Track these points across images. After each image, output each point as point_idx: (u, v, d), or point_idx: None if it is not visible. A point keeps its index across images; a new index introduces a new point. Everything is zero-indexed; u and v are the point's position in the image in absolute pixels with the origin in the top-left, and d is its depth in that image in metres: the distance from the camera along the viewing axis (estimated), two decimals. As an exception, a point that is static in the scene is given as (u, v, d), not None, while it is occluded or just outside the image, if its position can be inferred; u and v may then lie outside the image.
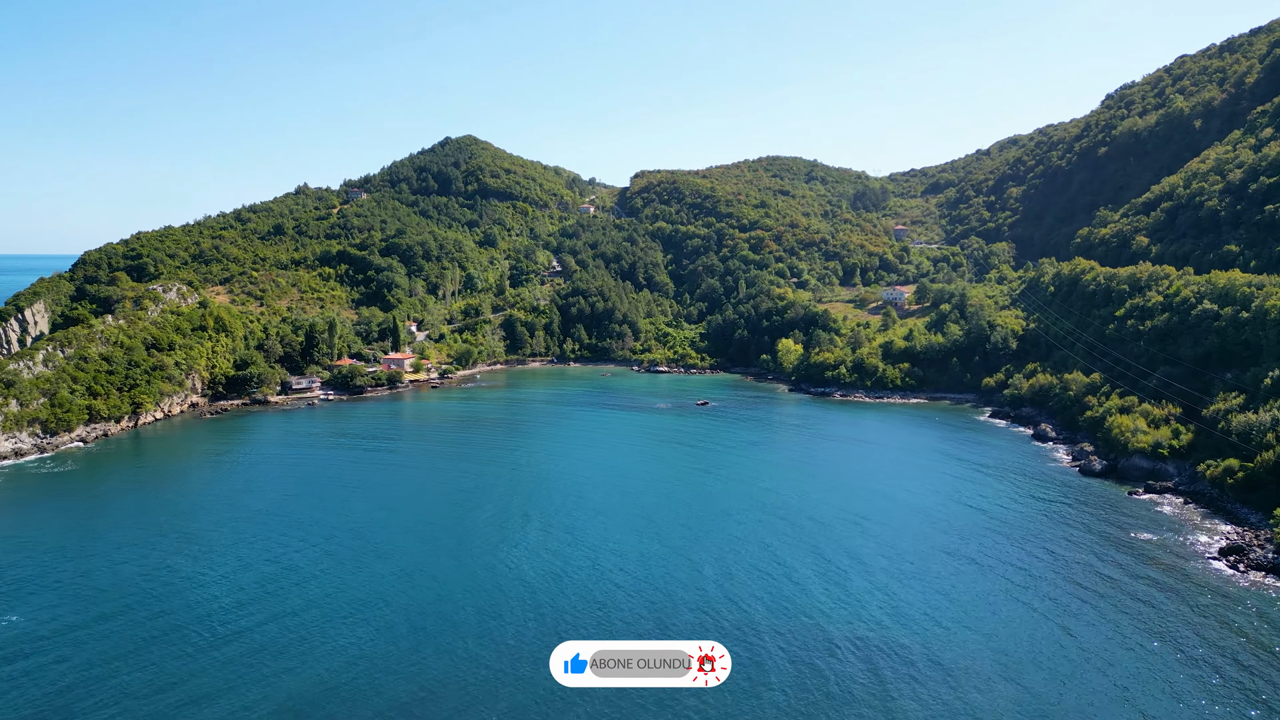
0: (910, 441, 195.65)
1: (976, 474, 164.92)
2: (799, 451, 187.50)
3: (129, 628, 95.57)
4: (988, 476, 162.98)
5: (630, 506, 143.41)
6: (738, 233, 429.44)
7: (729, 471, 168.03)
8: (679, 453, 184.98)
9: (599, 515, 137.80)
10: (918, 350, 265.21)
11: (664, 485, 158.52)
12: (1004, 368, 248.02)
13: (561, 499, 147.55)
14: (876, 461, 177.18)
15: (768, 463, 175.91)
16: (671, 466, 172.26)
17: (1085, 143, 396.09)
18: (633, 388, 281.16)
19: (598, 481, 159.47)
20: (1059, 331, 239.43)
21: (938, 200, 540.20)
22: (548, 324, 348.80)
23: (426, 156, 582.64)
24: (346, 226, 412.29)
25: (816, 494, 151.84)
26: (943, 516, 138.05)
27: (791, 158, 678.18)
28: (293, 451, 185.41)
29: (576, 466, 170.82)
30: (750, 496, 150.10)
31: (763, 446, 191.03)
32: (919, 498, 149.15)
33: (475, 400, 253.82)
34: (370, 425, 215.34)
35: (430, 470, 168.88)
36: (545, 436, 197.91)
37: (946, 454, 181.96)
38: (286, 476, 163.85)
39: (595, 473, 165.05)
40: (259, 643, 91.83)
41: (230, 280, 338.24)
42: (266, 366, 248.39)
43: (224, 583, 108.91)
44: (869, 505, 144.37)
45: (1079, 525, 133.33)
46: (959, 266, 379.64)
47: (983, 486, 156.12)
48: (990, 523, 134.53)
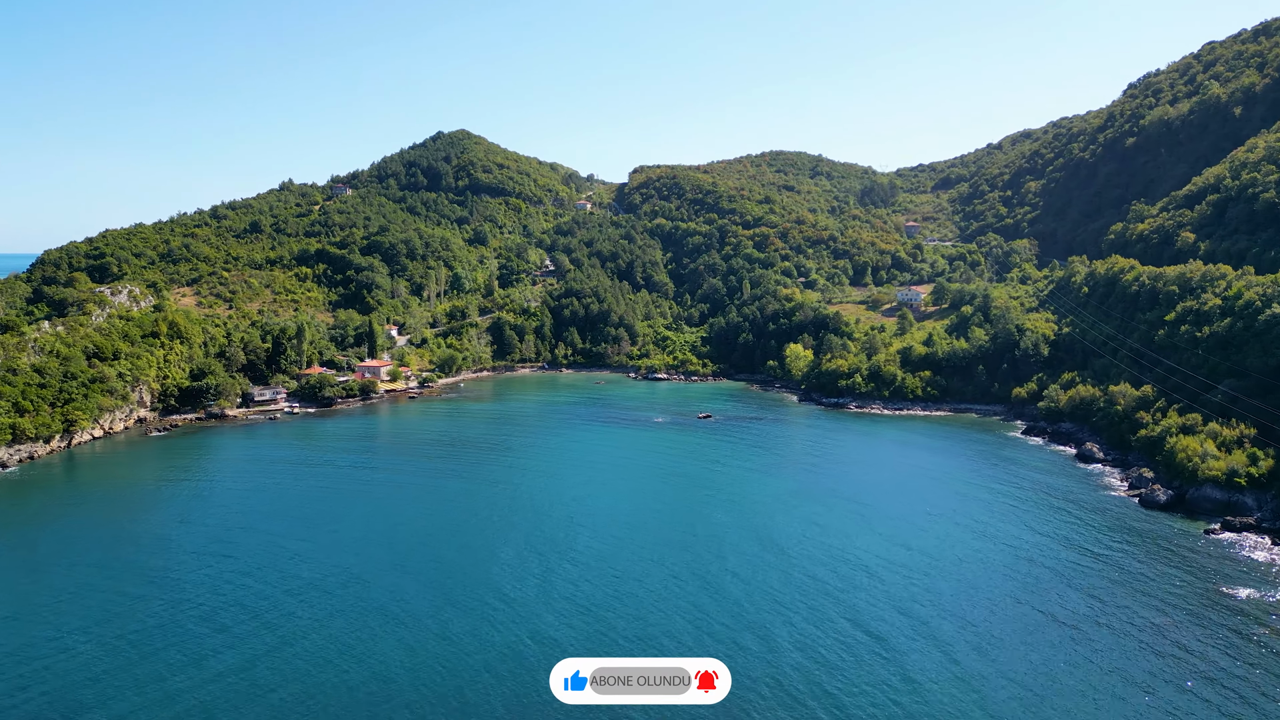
0: (941, 464, 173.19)
1: (1024, 505, 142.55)
2: (817, 479, 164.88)
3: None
4: (1038, 508, 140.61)
5: (622, 567, 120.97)
6: (741, 230, 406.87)
7: (737, 508, 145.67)
8: (679, 484, 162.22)
9: (581, 578, 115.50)
10: (939, 357, 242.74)
11: (663, 532, 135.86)
12: (1035, 376, 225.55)
13: (538, 552, 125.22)
14: (908, 491, 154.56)
15: (782, 495, 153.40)
16: (671, 504, 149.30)
17: (1110, 133, 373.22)
18: (628, 398, 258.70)
19: (584, 524, 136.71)
20: (1098, 337, 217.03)
21: (949, 196, 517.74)
22: (538, 327, 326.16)
23: (417, 151, 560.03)
24: (328, 224, 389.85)
25: (843, 534, 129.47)
26: (999, 563, 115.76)
27: (796, 152, 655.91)
28: (241, 476, 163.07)
29: (560, 504, 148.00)
30: (766, 539, 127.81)
31: (775, 473, 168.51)
32: (966, 540, 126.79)
33: (454, 415, 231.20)
34: (331, 445, 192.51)
35: (390, 507, 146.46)
36: (523, 466, 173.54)
37: (984, 480, 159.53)
38: (229, 507, 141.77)
39: (581, 514, 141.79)
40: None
41: (198, 281, 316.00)
42: (226, 376, 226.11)
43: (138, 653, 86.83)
44: (910, 549, 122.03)
45: (1159, 576, 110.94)
46: (977, 265, 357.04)
47: (1034, 519, 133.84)
48: (1055, 571, 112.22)
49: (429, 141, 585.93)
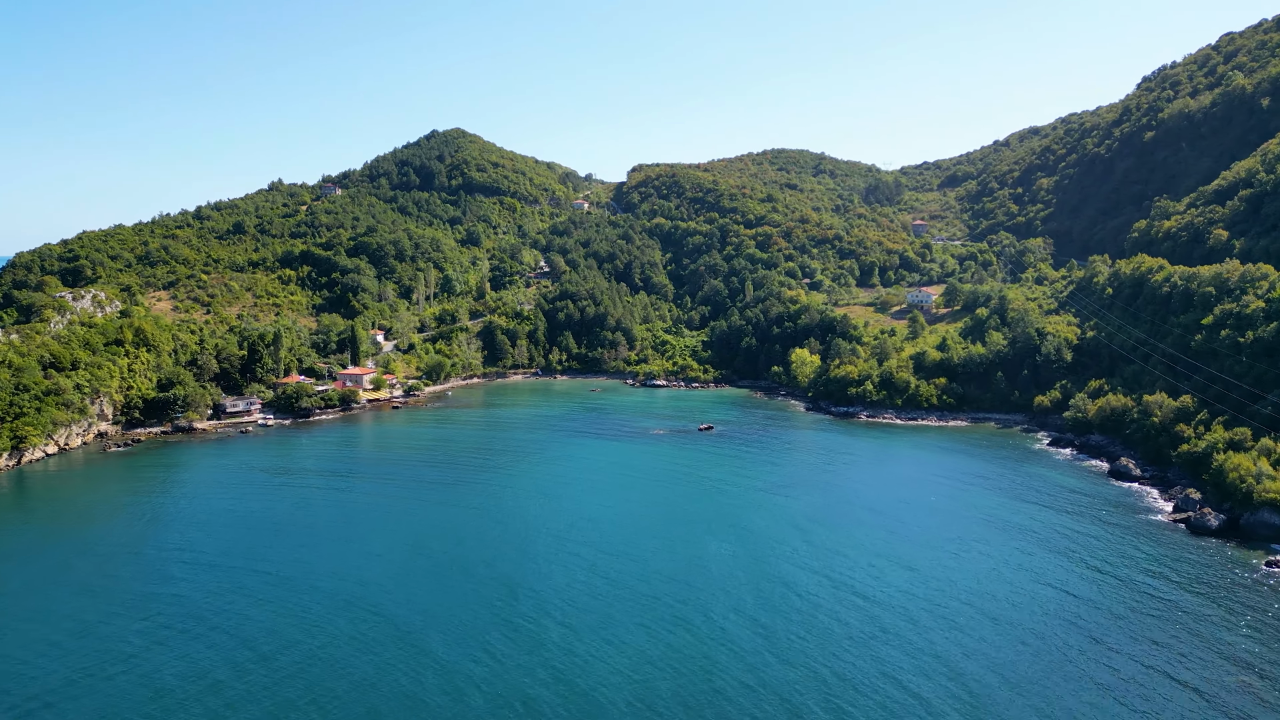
0: (965, 482, 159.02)
1: (1061, 531, 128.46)
2: (831, 501, 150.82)
3: None
4: (1078, 535, 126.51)
5: (615, 629, 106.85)
6: (743, 229, 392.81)
7: (746, 538, 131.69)
8: (679, 508, 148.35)
9: (566, 649, 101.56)
10: (955, 363, 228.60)
11: (661, 570, 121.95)
12: (1059, 384, 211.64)
13: (512, 607, 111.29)
14: (933, 515, 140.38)
15: (796, 521, 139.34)
16: (671, 534, 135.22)
17: (1126, 127, 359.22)
18: (625, 407, 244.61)
19: (571, 563, 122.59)
20: (1126, 341, 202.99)
21: (956, 193, 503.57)
22: (532, 331, 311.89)
23: (410, 150, 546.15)
24: (314, 224, 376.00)
25: (871, 570, 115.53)
26: (1050, 606, 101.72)
27: (798, 150, 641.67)
28: (197, 500, 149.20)
29: (546, 536, 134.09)
30: (781, 578, 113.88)
31: (785, 494, 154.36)
32: (1007, 575, 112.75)
33: (438, 428, 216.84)
34: (297, 465, 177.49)
35: (356, 542, 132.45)
36: (507, 490, 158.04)
37: (1015, 501, 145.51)
38: (178, 539, 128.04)
39: (569, 550, 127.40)
40: None
41: (175, 284, 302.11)
42: (196, 387, 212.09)
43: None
44: (946, 589, 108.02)
45: (1226, 620, 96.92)
46: (989, 265, 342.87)
47: (1076, 549, 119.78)
48: (1112, 614, 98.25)
49: (423, 140, 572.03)
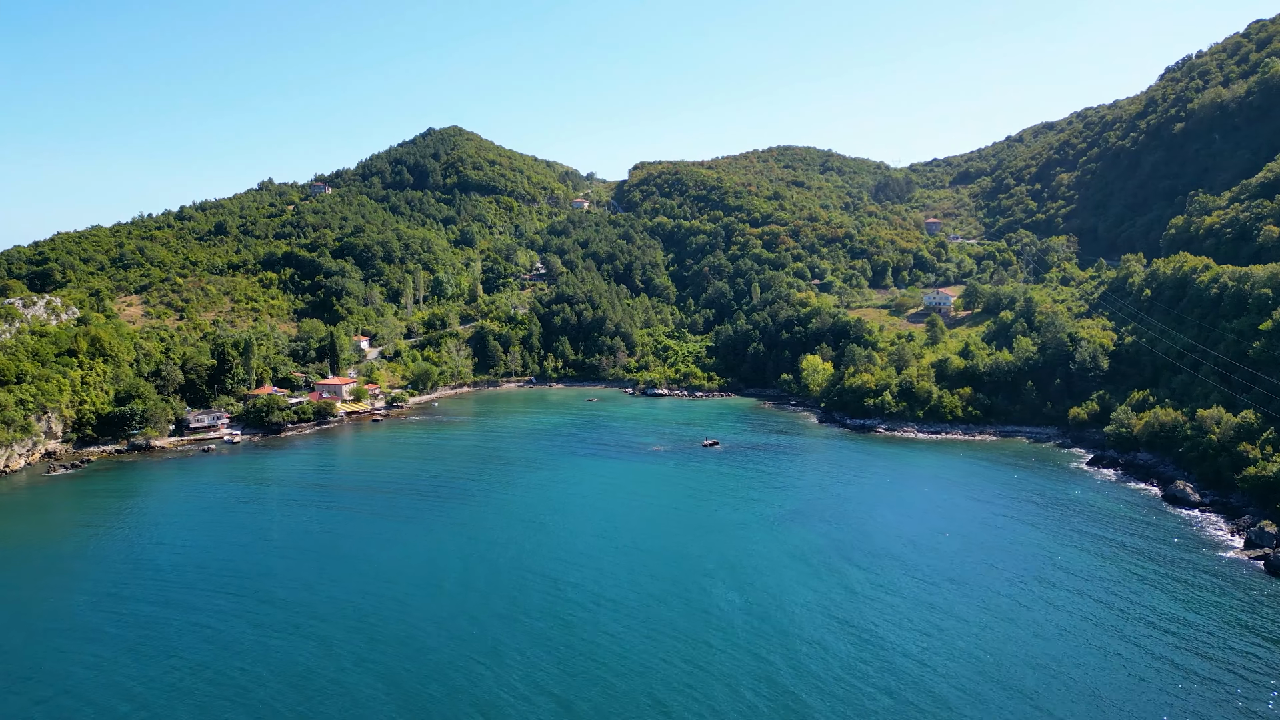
0: (1001, 508, 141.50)
1: (1122, 572, 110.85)
2: (852, 533, 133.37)
3: None
4: (1143, 577, 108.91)
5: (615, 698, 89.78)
6: (749, 228, 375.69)
7: (756, 584, 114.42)
8: (680, 542, 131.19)
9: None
10: (980, 371, 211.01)
11: (669, 622, 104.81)
12: (1095, 394, 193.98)
13: (491, 668, 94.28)
14: (972, 549, 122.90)
15: (813, 559, 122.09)
16: (669, 576, 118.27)
17: (1153, 119, 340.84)
18: (624, 419, 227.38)
19: (551, 613, 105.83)
20: (1171, 348, 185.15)
21: (970, 190, 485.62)
22: (526, 337, 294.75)
23: (405, 148, 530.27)
24: (300, 225, 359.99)
25: (911, 628, 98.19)
26: (1140, 670, 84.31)
27: (804, 147, 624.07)
28: (137, 531, 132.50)
29: (527, 577, 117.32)
30: (803, 636, 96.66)
31: (799, 523, 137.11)
32: (1077, 630, 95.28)
33: (419, 443, 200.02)
34: (256, 489, 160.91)
35: (309, 582, 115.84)
36: (485, 519, 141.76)
37: (1062, 532, 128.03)
38: (109, 578, 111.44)
39: (549, 598, 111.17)
40: None
41: (148, 288, 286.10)
42: (157, 400, 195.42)
43: None
44: (1005, 655, 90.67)
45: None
46: (1009, 265, 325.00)
47: (1145, 595, 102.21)
48: (1208, 679, 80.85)
49: (419, 138, 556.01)
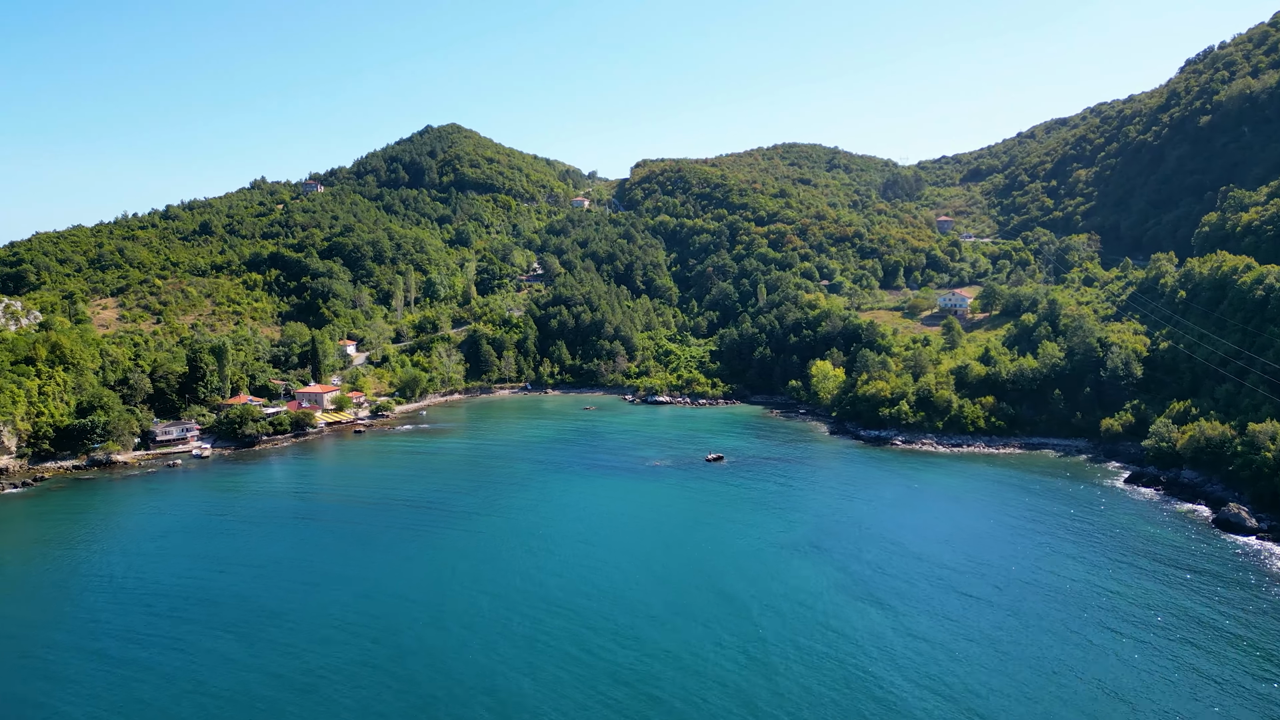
0: (1035, 535, 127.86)
1: (1202, 618, 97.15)
2: (883, 567, 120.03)
3: None
4: (1225, 623, 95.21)
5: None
6: (754, 226, 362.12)
7: (787, 635, 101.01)
8: (688, 577, 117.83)
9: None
10: (1003, 379, 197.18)
11: (675, 691, 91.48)
12: (1129, 404, 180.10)
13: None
14: (1011, 587, 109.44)
15: (833, 604, 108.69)
16: (680, 619, 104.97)
17: (1176, 112, 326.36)
18: (622, 429, 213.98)
19: (523, 677, 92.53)
20: (1213, 354, 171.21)
21: (982, 187, 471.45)
22: (521, 341, 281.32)
23: (401, 146, 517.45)
24: (289, 224, 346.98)
25: (989, 689, 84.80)
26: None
27: (810, 144, 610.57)
28: (73, 566, 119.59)
29: (503, 624, 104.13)
30: (854, 709, 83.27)
31: (814, 556, 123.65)
32: (1154, 691, 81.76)
33: (401, 457, 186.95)
34: (214, 518, 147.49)
35: (256, 628, 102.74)
36: (462, 549, 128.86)
37: (1113, 564, 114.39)
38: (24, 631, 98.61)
39: (524, 655, 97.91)
40: None
41: (125, 290, 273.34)
42: (122, 411, 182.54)
43: None
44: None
45: None
46: (1026, 264, 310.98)
47: (1235, 642, 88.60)
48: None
49: (416, 136, 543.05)
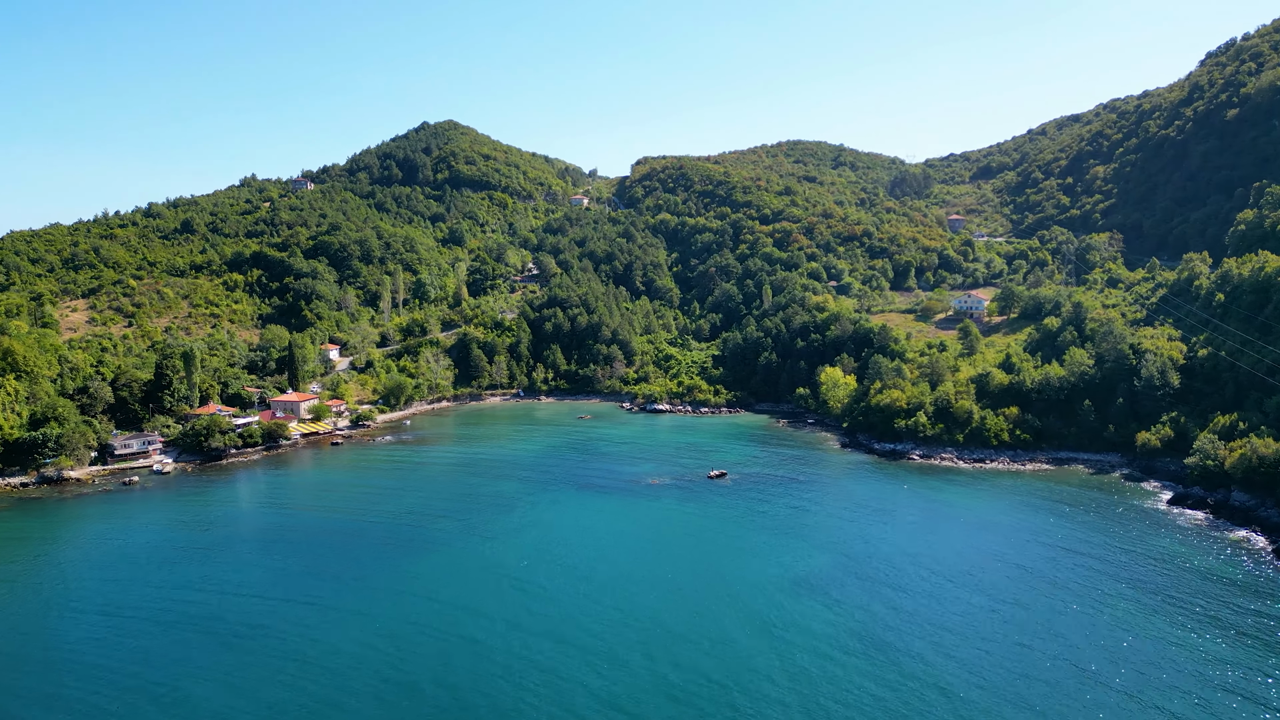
0: (1086, 574, 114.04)
1: (1260, 677, 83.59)
2: (912, 614, 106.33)
3: None
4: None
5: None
6: (758, 225, 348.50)
7: (808, 698, 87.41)
8: (691, 624, 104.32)
9: None
10: (1028, 388, 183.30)
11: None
12: (1166, 416, 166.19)
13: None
14: (1050, 639, 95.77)
15: (853, 656, 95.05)
16: (681, 683, 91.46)
17: (1200, 106, 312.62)
18: (619, 441, 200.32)
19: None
20: (1259, 361, 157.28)
21: (993, 185, 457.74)
22: (513, 345, 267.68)
23: (396, 143, 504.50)
24: (274, 222, 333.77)
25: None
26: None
27: (815, 142, 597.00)
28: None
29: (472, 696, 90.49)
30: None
31: (830, 596, 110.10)
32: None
33: (384, 471, 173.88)
34: (162, 547, 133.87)
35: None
36: (429, 589, 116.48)
37: (1172, 609, 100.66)
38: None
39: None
40: None
41: (97, 291, 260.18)
42: (78, 422, 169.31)
43: None
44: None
45: None
46: (1044, 264, 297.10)
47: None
48: None
49: (412, 133, 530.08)
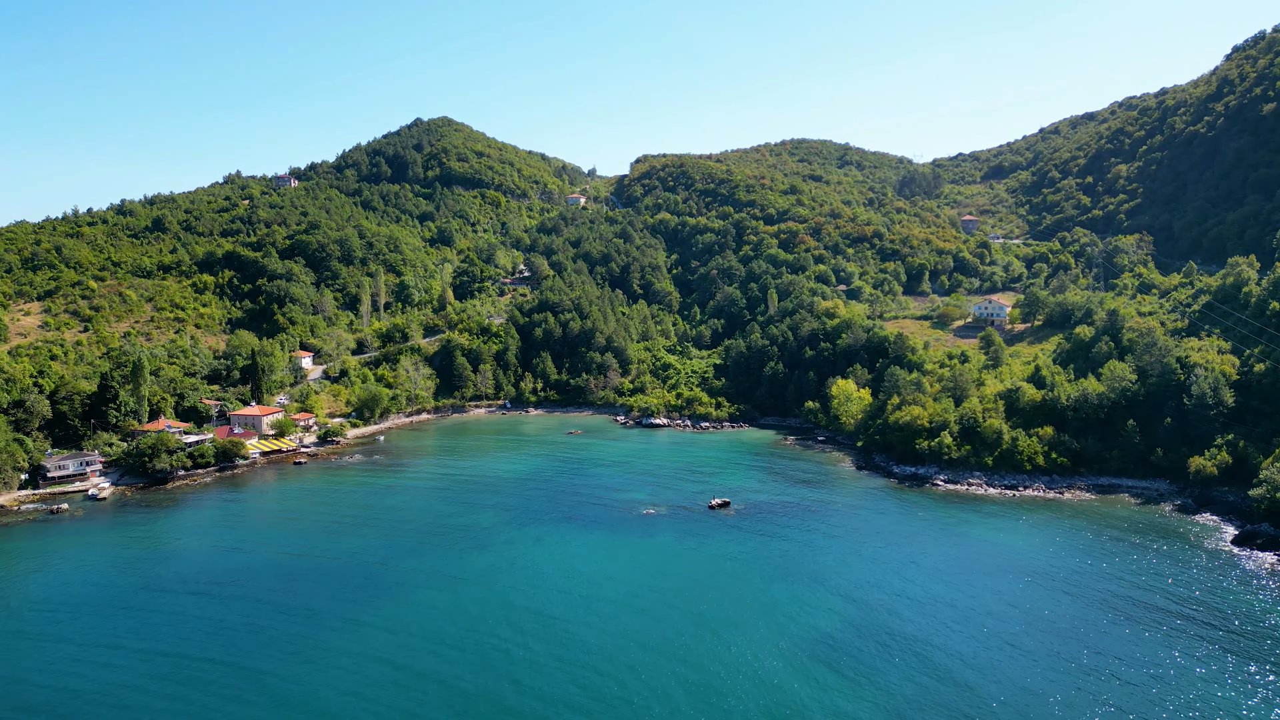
0: (1159, 641, 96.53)
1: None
2: (932, 702, 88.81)
3: None
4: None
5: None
6: (762, 225, 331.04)
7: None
8: (685, 713, 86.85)
9: None
10: (1062, 404, 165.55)
11: None
12: (1221, 439, 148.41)
13: None
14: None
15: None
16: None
17: (1231, 100, 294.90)
18: (610, 462, 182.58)
19: None
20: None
21: (1007, 185, 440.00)
22: (500, 352, 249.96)
23: (387, 140, 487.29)
24: (252, 221, 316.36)
25: None
26: None
27: (820, 140, 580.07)
28: None
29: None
30: None
31: (846, 660, 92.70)
32: None
33: (345, 498, 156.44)
34: (66, 592, 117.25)
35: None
36: (391, 655, 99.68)
37: (1249, 683, 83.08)
38: None
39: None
40: None
41: (53, 294, 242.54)
42: (10, 440, 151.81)
43: None
44: None
45: None
46: (1067, 268, 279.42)
47: None
48: None
49: (404, 129, 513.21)
